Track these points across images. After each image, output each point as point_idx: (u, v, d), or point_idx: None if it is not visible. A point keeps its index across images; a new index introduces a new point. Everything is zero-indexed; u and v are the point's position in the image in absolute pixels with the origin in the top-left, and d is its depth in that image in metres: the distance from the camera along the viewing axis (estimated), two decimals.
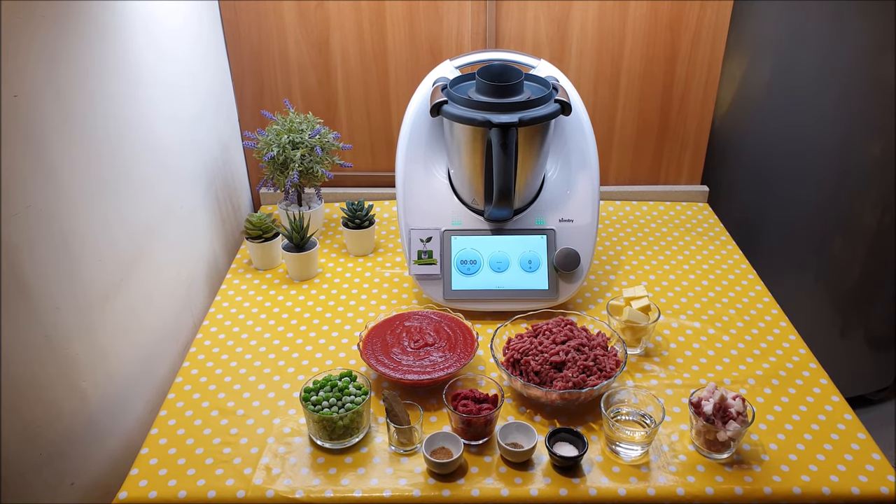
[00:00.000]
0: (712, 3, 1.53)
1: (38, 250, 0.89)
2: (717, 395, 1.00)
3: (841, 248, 1.76)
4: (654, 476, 0.98)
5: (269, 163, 1.45)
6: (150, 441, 1.05)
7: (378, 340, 1.18)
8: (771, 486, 0.97)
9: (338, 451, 1.02)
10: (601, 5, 1.53)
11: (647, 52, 1.59)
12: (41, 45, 0.89)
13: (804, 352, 1.22)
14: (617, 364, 1.11)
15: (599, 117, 1.66)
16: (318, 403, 1.03)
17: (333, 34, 1.56)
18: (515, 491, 0.96)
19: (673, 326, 1.29)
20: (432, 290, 1.31)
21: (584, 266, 1.31)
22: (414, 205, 1.33)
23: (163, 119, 1.24)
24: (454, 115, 1.20)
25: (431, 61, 1.58)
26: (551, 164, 1.36)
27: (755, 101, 1.69)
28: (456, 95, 1.22)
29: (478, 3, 1.53)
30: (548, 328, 1.16)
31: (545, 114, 1.19)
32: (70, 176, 0.95)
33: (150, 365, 1.20)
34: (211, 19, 1.50)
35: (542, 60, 1.37)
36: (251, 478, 0.98)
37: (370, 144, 1.70)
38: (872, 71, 1.56)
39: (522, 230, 1.32)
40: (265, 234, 1.43)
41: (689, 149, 1.72)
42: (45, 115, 0.90)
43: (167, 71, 1.26)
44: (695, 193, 1.75)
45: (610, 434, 1.01)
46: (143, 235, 1.17)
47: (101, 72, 1.04)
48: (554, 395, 1.06)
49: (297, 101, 1.64)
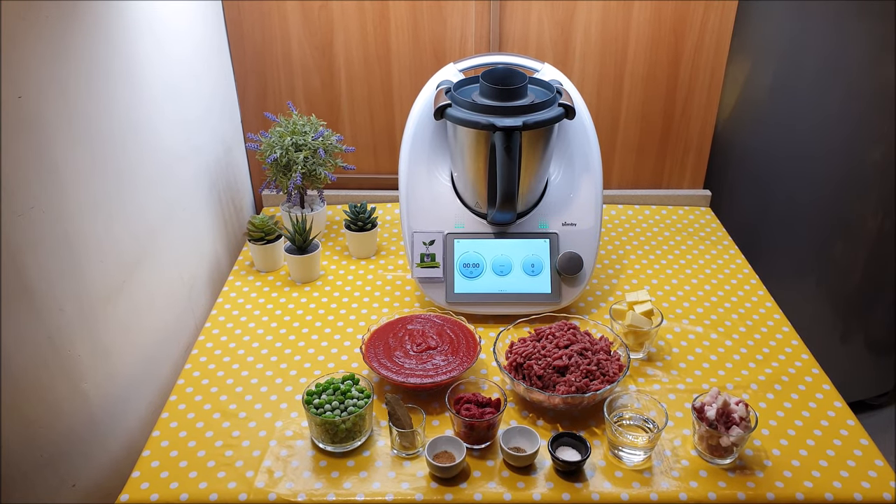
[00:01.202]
0: (716, 6, 1.53)
1: (42, 251, 0.89)
2: (720, 401, 1.00)
3: (842, 252, 1.76)
4: (657, 481, 0.98)
5: (272, 165, 1.45)
6: (152, 443, 1.04)
7: (380, 343, 1.18)
8: (774, 491, 0.96)
9: (340, 454, 1.02)
10: (605, 8, 1.53)
11: (651, 55, 1.59)
12: (45, 46, 0.89)
13: (807, 357, 1.22)
14: (620, 368, 1.11)
15: (603, 121, 1.66)
16: (320, 406, 1.03)
17: (337, 36, 1.56)
18: (518, 495, 0.96)
19: (675, 331, 1.28)
20: (435, 293, 1.31)
21: (587, 270, 1.31)
22: (417, 207, 1.32)
23: (166, 120, 1.24)
24: (458, 119, 1.20)
25: (435, 64, 1.58)
26: (554, 168, 1.36)
27: (758, 104, 1.69)
28: (460, 99, 1.22)
29: (481, 6, 1.53)
30: (550, 332, 1.16)
31: (549, 117, 1.19)
32: (73, 177, 0.95)
33: (152, 366, 1.19)
34: (214, 20, 1.50)
35: (546, 64, 1.37)
36: (253, 480, 0.98)
37: (373, 147, 1.70)
38: (875, 75, 1.56)
39: (525, 234, 1.32)
40: (267, 236, 1.43)
41: (692, 153, 1.72)
42: (49, 116, 0.90)
43: (171, 72, 1.26)
44: (697, 198, 1.75)
45: (613, 439, 1.01)
46: (146, 237, 1.17)
47: (106, 73, 1.04)
48: (557, 400, 1.06)
49: (300, 103, 1.64)
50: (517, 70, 1.28)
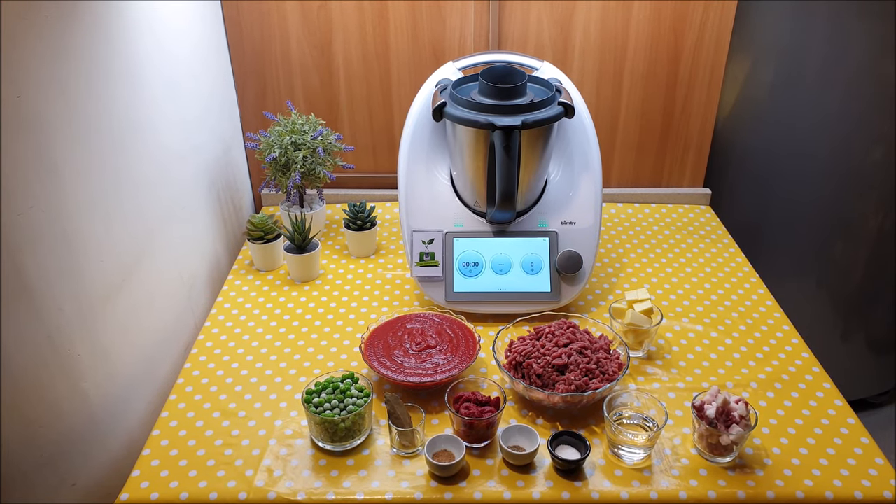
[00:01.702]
0: (716, 4, 1.53)
1: (41, 251, 0.89)
2: (720, 399, 1.00)
3: (842, 251, 1.76)
4: (657, 480, 0.98)
5: (271, 164, 1.45)
6: (152, 442, 1.04)
7: (380, 342, 1.18)
8: (774, 490, 0.96)
9: (339, 453, 1.02)
10: (604, 7, 1.53)
11: (650, 53, 1.59)
12: (45, 46, 0.89)
13: (807, 356, 1.22)
14: (619, 367, 1.11)
15: (602, 119, 1.66)
16: (319, 405, 1.03)
17: (336, 35, 1.56)
18: (517, 494, 0.96)
19: (675, 329, 1.28)
20: (434, 291, 1.30)
21: (587, 269, 1.31)
22: (416, 206, 1.32)
23: (166, 120, 1.24)
24: (457, 117, 1.20)
25: (434, 63, 1.58)
26: (554, 167, 1.36)
27: (758, 103, 1.69)
28: (458, 97, 1.22)
29: (481, 5, 1.53)
30: (550, 331, 1.16)
31: (548, 116, 1.19)
32: (73, 176, 0.95)
33: (152, 366, 1.19)
34: (213, 20, 1.50)
35: (545, 62, 1.37)
36: (253, 479, 0.98)
37: (372, 146, 1.70)
38: (875, 73, 1.55)
39: (525, 232, 1.31)
40: (267, 236, 1.43)
41: (692, 151, 1.72)
42: (49, 115, 0.90)
43: (171, 72, 1.26)
44: (697, 196, 1.75)
45: (612, 437, 1.01)
46: (146, 236, 1.17)
47: (106, 72, 1.04)
48: (556, 398, 1.06)
49: (299, 102, 1.64)
50: (516, 68, 1.28)
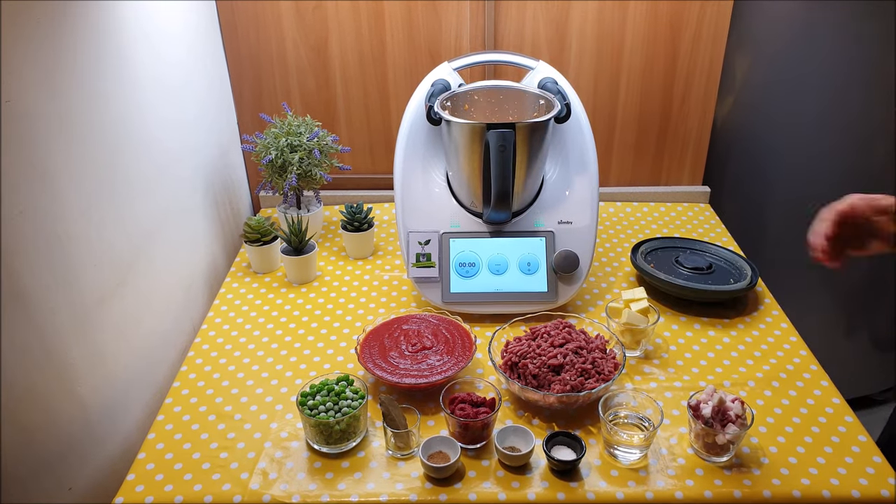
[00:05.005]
0: (712, 1, 1.52)
1: (34, 255, 0.89)
2: (716, 398, 1.00)
3: None
4: (653, 479, 0.98)
5: (268, 166, 1.45)
6: (148, 446, 1.05)
7: (376, 344, 1.18)
8: (770, 489, 0.96)
9: (335, 455, 1.02)
10: (600, 5, 1.52)
11: (647, 52, 1.58)
12: (36, 49, 0.89)
13: (805, 353, 1.21)
14: (615, 367, 1.11)
15: (599, 118, 1.65)
16: (314, 408, 1.03)
17: (332, 36, 1.56)
18: (513, 495, 0.96)
19: (673, 328, 1.28)
20: (431, 292, 1.30)
21: (584, 268, 1.30)
22: (412, 207, 1.32)
23: (161, 122, 1.24)
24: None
25: (430, 63, 1.57)
26: (550, 166, 1.35)
27: (756, 100, 1.68)
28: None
29: (476, 5, 1.52)
30: (546, 331, 1.16)
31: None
32: (66, 180, 0.95)
33: (149, 369, 1.20)
34: (208, 22, 1.50)
35: (541, 62, 1.36)
36: (248, 482, 0.98)
37: (369, 147, 1.70)
38: (874, 70, 1.54)
39: (521, 232, 1.31)
40: (264, 238, 1.43)
41: (691, 149, 1.71)
42: (40, 118, 0.90)
43: (165, 73, 1.26)
44: (696, 194, 1.74)
45: (608, 437, 1.01)
46: (142, 239, 1.17)
47: (98, 75, 1.04)
48: (552, 399, 1.06)
49: (295, 103, 1.64)
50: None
